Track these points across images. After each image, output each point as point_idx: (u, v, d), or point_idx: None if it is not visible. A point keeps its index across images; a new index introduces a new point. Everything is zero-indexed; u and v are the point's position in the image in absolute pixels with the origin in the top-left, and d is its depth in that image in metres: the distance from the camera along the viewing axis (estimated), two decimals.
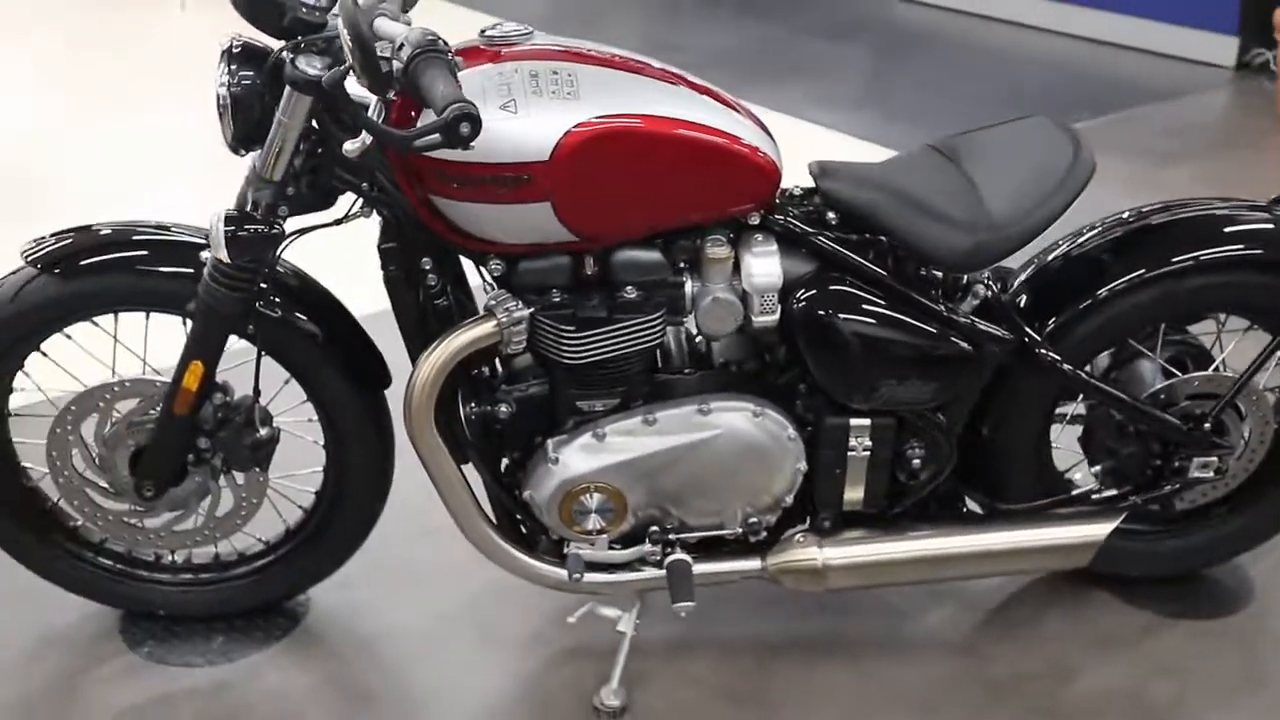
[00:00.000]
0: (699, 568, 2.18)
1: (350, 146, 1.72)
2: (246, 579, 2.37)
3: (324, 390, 2.18)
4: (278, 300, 2.10)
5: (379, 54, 1.73)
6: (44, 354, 2.18)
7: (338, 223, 2.05)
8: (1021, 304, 2.22)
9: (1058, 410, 2.34)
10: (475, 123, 1.59)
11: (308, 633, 2.38)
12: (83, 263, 2.08)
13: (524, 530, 2.21)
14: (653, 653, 2.32)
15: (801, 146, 2.25)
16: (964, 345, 2.10)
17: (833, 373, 2.09)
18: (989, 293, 2.19)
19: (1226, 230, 2.23)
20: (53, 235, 2.12)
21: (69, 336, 2.16)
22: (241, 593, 2.37)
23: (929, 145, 2.26)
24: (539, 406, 2.10)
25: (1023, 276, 2.26)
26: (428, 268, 2.01)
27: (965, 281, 2.19)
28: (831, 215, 2.09)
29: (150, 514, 2.24)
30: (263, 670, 2.29)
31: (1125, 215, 2.28)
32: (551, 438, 2.10)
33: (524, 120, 1.85)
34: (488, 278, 2.03)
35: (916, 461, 2.18)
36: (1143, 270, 2.18)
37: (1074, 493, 2.31)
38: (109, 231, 2.13)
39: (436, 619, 2.42)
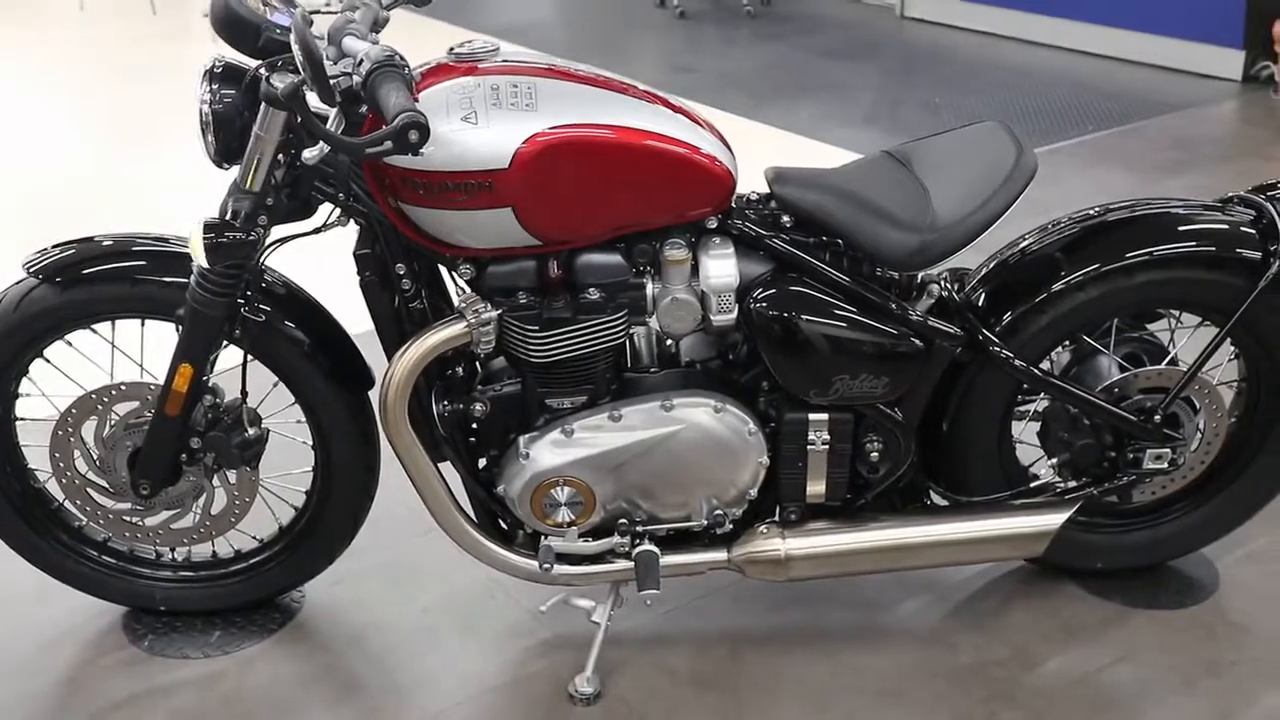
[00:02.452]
0: (667, 559, 2.27)
1: (308, 154, 1.84)
2: (243, 575, 2.48)
3: (309, 392, 2.29)
4: (263, 306, 2.22)
5: (343, 70, 1.85)
6: (47, 360, 2.31)
7: (316, 231, 2.17)
8: (978, 301, 2.31)
9: (1021, 406, 2.42)
10: (424, 130, 1.71)
11: (301, 627, 2.49)
12: (82, 273, 2.21)
13: (503, 525, 2.31)
14: (629, 643, 2.41)
15: (808, 162, 2.34)
16: (914, 341, 2.19)
17: (788, 369, 2.18)
18: (944, 291, 2.28)
19: (1180, 228, 2.31)
20: (54, 246, 2.25)
21: (70, 343, 2.29)
22: (238, 589, 2.49)
23: (885, 151, 2.36)
24: (513, 405, 2.21)
25: (980, 274, 2.35)
26: (401, 272, 2.13)
27: (920, 280, 2.28)
28: (786, 218, 2.19)
29: (148, 513, 2.36)
30: (256, 662, 2.40)
31: (1086, 213, 2.37)
32: (524, 435, 2.20)
33: (484, 131, 1.96)
34: (459, 281, 2.14)
35: (875, 455, 2.26)
36: (1091, 267, 2.26)
37: (1032, 485, 2.38)
38: (108, 243, 2.26)
39: (423, 613, 2.53)
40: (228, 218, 2.06)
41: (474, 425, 2.22)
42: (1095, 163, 5.00)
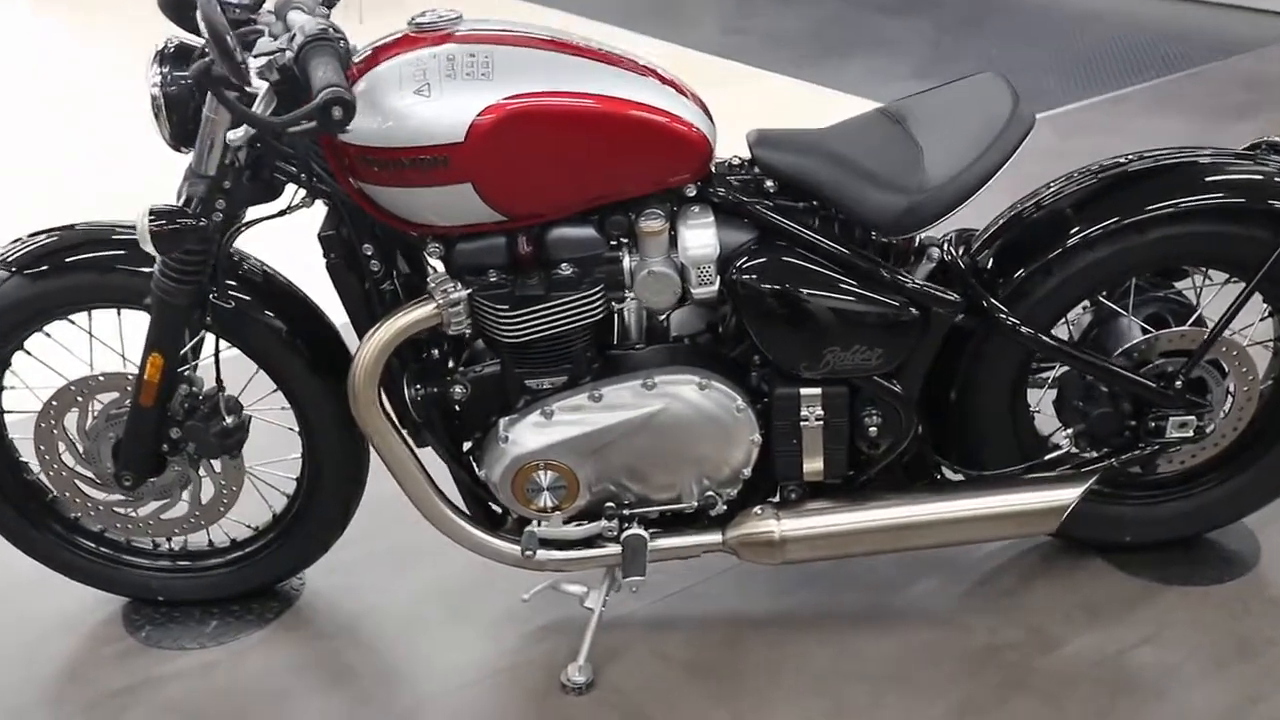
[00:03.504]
0: (660, 542, 2.19)
1: (232, 136, 1.77)
2: (238, 564, 2.45)
3: (289, 379, 2.24)
4: (235, 292, 2.16)
5: (279, 46, 1.78)
6: (28, 353, 2.29)
7: (282, 214, 2.10)
8: (984, 263, 2.18)
9: (1036, 373, 2.29)
10: (348, 107, 1.63)
11: (298, 615, 2.45)
12: (56, 263, 2.18)
13: (495, 510, 2.24)
14: (626, 628, 2.33)
15: None
16: (909, 309, 2.06)
17: (775, 342, 2.08)
18: (946, 254, 2.16)
19: (1205, 179, 2.15)
20: (29, 236, 2.22)
21: (49, 335, 2.27)
22: (234, 578, 2.45)
23: (879, 109, 2.23)
24: (493, 386, 2.13)
25: (986, 235, 2.22)
26: (369, 253, 2.05)
27: (919, 244, 2.15)
28: (770, 183, 2.07)
29: (137, 503, 2.33)
30: (251, 652, 2.37)
31: (1101, 165, 2.22)
32: (504, 417, 2.13)
33: (436, 103, 1.88)
34: (430, 261, 2.06)
35: (874, 430, 2.15)
36: (1104, 224, 2.11)
37: (1047, 457, 2.25)
38: (82, 232, 2.22)
39: (419, 601, 2.47)
40: (181, 203, 2.00)
41: (455, 408, 2.15)
42: (1158, 110, 4.77)
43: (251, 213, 2.11)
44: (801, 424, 2.12)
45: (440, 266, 2.04)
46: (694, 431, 2.10)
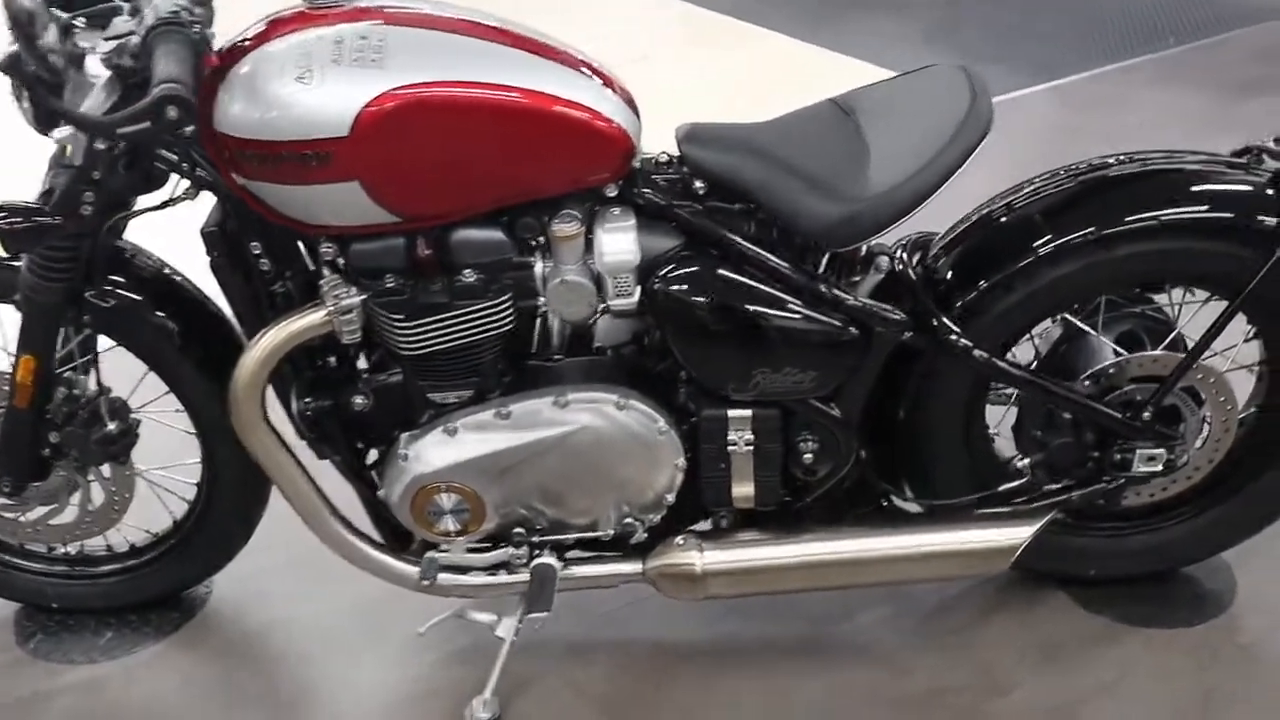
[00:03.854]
0: (574, 571, 2.02)
1: (57, 134, 1.58)
2: (137, 571, 2.29)
3: (181, 381, 2.07)
4: (118, 290, 1.99)
5: (130, 29, 1.58)
6: None
7: (164, 206, 1.92)
8: (939, 274, 1.97)
9: (996, 390, 2.09)
10: (184, 106, 1.45)
11: (199, 628, 2.29)
12: None
13: (401, 529, 2.07)
14: (543, 655, 2.16)
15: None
16: (848, 328, 1.86)
17: (699, 360, 1.89)
18: (896, 263, 1.96)
19: (1193, 189, 1.94)
20: None
21: None
22: (132, 585, 2.29)
23: (831, 100, 2.01)
24: (397, 398, 1.95)
25: (942, 243, 2.01)
26: (258, 251, 1.87)
27: (866, 253, 1.95)
28: (699, 184, 1.87)
29: (23, 508, 2.17)
30: (144, 669, 2.21)
31: (1080, 166, 2.01)
32: (406, 432, 1.95)
33: (319, 92, 1.68)
34: (324, 262, 1.87)
35: (809, 456, 1.96)
36: (1072, 236, 1.91)
37: (1005, 486, 2.05)
38: None
39: (333, 616, 2.30)
40: (40, 196, 1.81)
41: (356, 420, 1.97)
42: (1167, 81, 4.51)
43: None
44: (729, 448, 1.93)
45: (335, 269, 1.85)
46: (611, 454, 1.92)
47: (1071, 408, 1.97)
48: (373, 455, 2.03)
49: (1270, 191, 1.89)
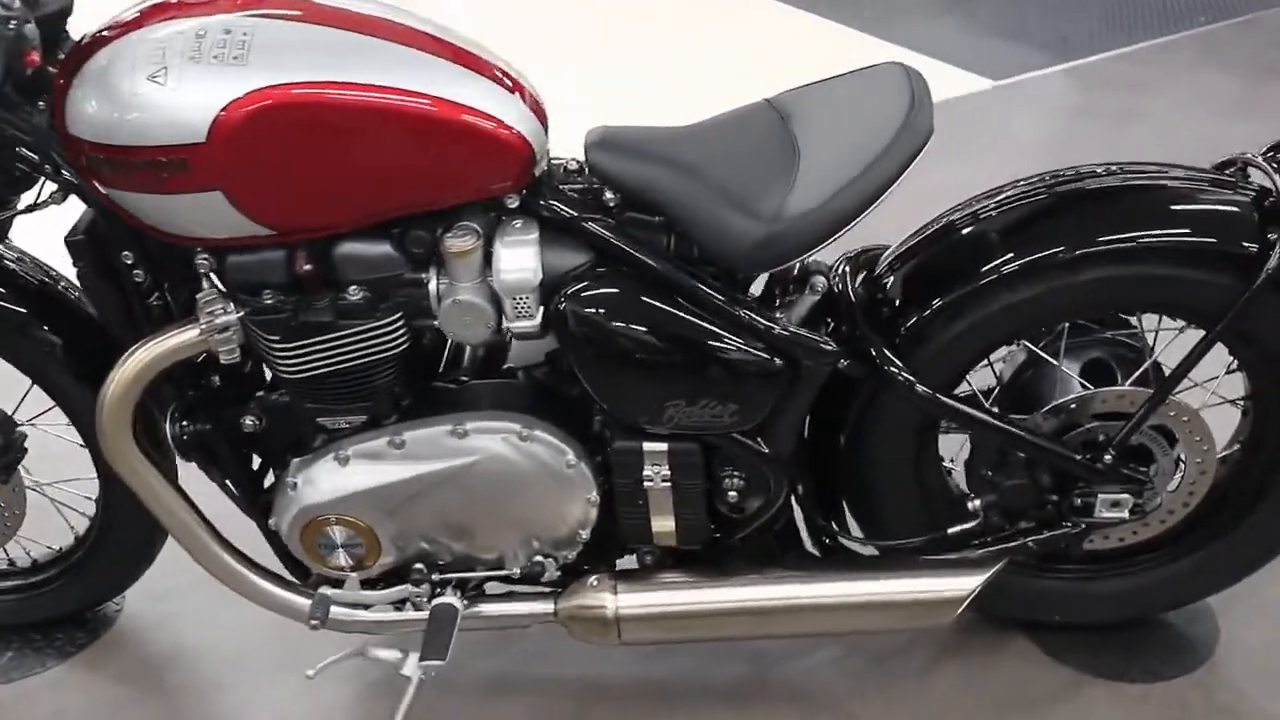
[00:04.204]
0: (484, 609, 1.86)
1: None
2: (40, 588, 2.16)
3: (66, 395, 1.93)
4: None
5: None
6: None
7: (28, 210, 1.76)
8: (882, 296, 1.78)
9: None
10: None
11: (105, 649, 2.17)
12: None
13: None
14: (460, 691, 2.02)
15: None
16: (770, 359, 1.68)
17: (607, 390, 1.71)
18: (835, 284, 1.77)
19: (1174, 209, 1.73)
20: None
21: None
22: (35, 603, 2.17)
23: (766, 101, 1.82)
24: (290, 419, 1.79)
25: (888, 261, 1.82)
26: (130, 261, 1.71)
27: (799, 271, 1.76)
28: (611, 195, 1.69)
29: None
30: (43, 693, 2.08)
31: (1053, 177, 1.81)
32: (297, 457, 1.79)
33: (172, 93, 1.51)
34: (202, 275, 1.71)
35: (734, 495, 1.78)
36: (1035, 256, 1.71)
37: (956, 529, 1.86)
38: None
39: (246, 640, 2.15)
40: None
41: (249, 441, 1.82)
42: (1197, 63, 4.24)
43: None
44: (645, 484, 1.76)
45: (213, 282, 1.69)
46: (514, 489, 1.75)
47: (1024, 446, 1.77)
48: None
49: (1254, 214, 1.68)
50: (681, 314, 1.67)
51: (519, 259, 1.66)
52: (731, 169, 1.67)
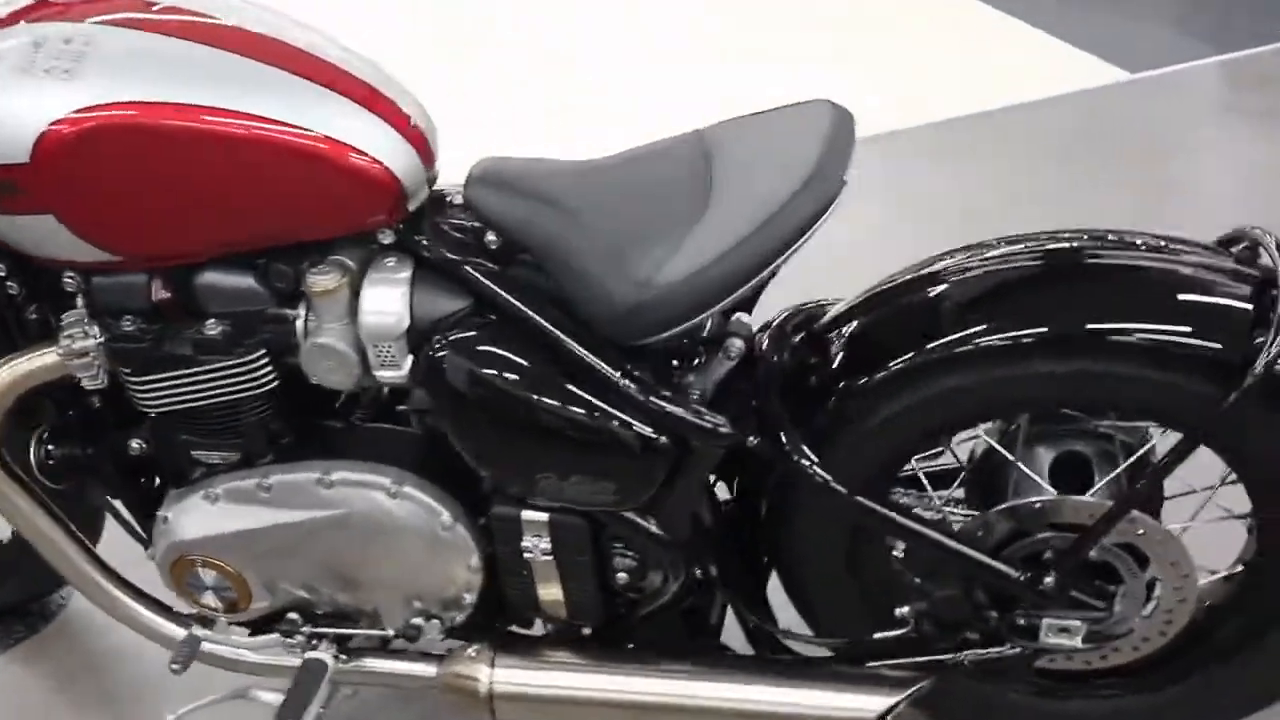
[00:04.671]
0: (367, 665, 1.72)
1: None
2: None
3: None
4: None
5: None
6: None
7: None
8: (813, 364, 1.55)
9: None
10: None
11: (40, 644, 2.12)
12: None
13: None
14: None
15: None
16: (653, 436, 1.47)
17: (475, 454, 1.53)
18: (757, 349, 1.55)
19: (1157, 299, 1.45)
20: None
21: None
22: None
23: (698, 132, 1.59)
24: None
25: (828, 319, 1.58)
26: (2, 274, 1.62)
27: (712, 332, 1.54)
28: (492, 236, 1.51)
29: None
30: None
31: (1021, 245, 1.54)
32: (176, 488, 1.69)
33: None
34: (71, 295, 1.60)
35: (623, 576, 1.59)
36: (988, 336, 1.45)
37: (878, 636, 1.62)
38: None
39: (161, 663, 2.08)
40: None
41: (134, 466, 1.72)
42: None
43: None
44: (525, 555, 1.59)
45: (80, 304, 1.58)
46: (385, 547, 1.61)
47: (952, 560, 1.52)
48: None
49: (1250, 308, 1.38)
50: (554, 378, 1.47)
51: (384, 302, 1.49)
52: (624, 216, 1.46)
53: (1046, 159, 3.35)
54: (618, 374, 1.46)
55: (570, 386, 1.47)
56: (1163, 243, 1.48)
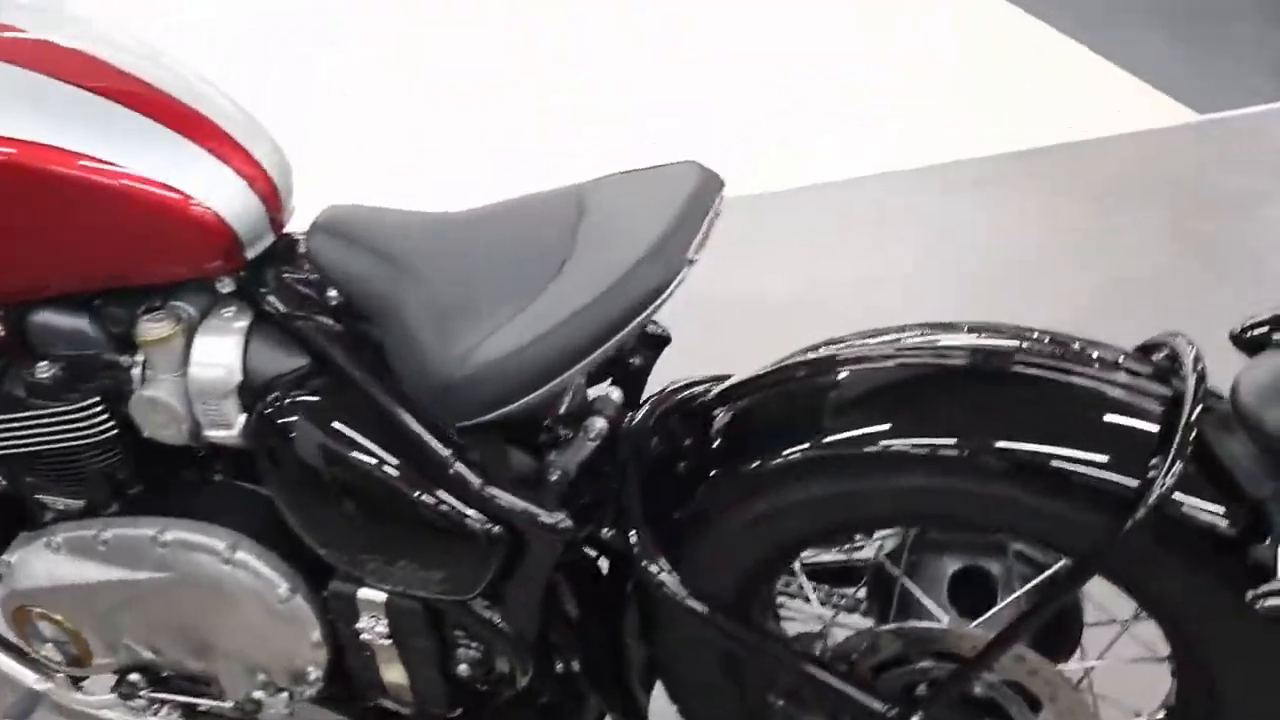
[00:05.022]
0: None
1: None
2: None
3: None
4: None
5: None
6: None
7: None
8: (684, 454, 1.39)
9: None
10: None
11: None
12: None
13: None
14: None
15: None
16: (483, 526, 1.33)
17: (302, 526, 1.41)
18: (626, 426, 1.40)
19: (1049, 416, 1.25)
20: None
21: None
22: None
23: (580, 185, 1.44)
24: None
25: (706, 402, 1.42)
26: None
27: (570, 410, 1.40)
28: (333, 292, 1.39)
29: None
30: None
31: (939, 340, 1.35)
32: (26, 530, 1.59)
33: None
34: None
35: (465, 666, 1.45)
36: (869, 446, 1.27)
37: None
38: None
39: None
40: None
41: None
42: None
43: None
44: (364, 637, 1.46)
45: None
46: (219, 616, 1.49)
47: (811, 683, 1.35)
48: None
49: (1154, 430, 1.19)
50: (383, 453, 1.34)
51: (214, 353, 1.38)
52: (466, 279, 1.32)
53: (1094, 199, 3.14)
54: (449, 453, 1.32)
55: (400, 464, 1.34)
56: (1081, 349, 1.29)
